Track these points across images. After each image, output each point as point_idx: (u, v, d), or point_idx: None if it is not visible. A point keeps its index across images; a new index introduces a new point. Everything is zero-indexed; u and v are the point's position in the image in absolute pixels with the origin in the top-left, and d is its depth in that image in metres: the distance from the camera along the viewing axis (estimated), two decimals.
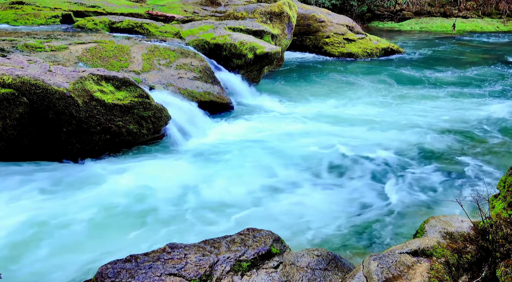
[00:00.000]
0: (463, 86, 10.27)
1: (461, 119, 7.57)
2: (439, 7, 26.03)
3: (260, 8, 10.37)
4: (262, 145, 6.17)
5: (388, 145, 6.24)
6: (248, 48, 8.42)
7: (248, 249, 3.04)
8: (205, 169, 5.37)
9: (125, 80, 5.52)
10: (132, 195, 4.59)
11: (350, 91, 9.57)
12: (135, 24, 9.02)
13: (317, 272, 2.96)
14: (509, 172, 3.00)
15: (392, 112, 7.99)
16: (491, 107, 8.44)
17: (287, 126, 7.03)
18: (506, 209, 2.73)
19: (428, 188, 5.02)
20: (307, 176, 5.25)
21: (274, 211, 4.46)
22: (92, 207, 4.28)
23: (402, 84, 10.30)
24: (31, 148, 5.09)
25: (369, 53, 13.91)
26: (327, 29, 14.24)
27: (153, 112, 5.67)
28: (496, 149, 6.25)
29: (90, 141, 5.31)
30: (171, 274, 2.76)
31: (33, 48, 6.25)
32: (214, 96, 7.33)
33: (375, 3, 25.14)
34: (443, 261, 2.79)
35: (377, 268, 2.71)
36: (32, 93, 4.75)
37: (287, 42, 10.83)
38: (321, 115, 7.64)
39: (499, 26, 23.81)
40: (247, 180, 5.09)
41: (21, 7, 9.99)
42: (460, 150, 6.20)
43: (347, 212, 4.48)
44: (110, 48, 6.94)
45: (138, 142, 5.80)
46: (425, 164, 5.69)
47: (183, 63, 7.46)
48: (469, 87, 10.19)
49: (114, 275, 2.73)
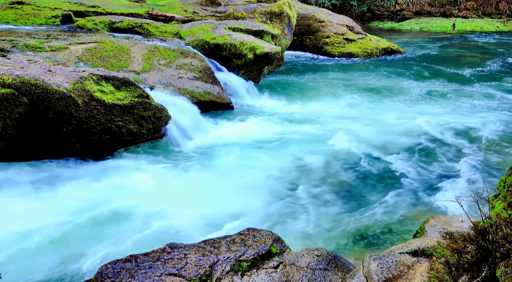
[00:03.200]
0: (463, 86, 10.27)
1: (461, 119, 7.56)
2: (439, 7, 26.03)
3: (260, 8, 10.37)
4: (262, 145, 6.17)
5: (388, 145, 6.25)
6: (248, 48, 8.42)
7: (248, 249, 3.04)
8: (205, 168, 5.37)
9: (125, 80, 5.52)
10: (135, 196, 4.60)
11: (350, 91, 9.57)
12: (135, 24, 9.02)
13: (317, 272, 2.96)
14: (509, 172, 3.00)
15: (392, 112, 7.99)
16: (492, 107, 8.44)
17: (287, 126, 7.03)
18: (506, 209, 2.73)
19: (428, 188, 5.02)
20: (308, 177, 5.25)
21: (271, 210, 4.46)
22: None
23: (402, 84, 10.29)
24: (31, 148, 5.09)
25: (369, 53, 13.91)
26: (327, 29, 14.24)
27: (153, 112, 5.67)
28: (496, 149, 6.25)
29: (90, 141, 5.31)
30: (171, 274, 2.76)
31: (33, 48, 6.25)
32: (214, 96, 7.33)
33: (375, 3, 25.14)
34: (443, 261, 2.79)
35: (377, 268, 2.70)
36: (32, 93, 4.75)
37: (287, 42, 10.83)
38: (321, 115, 7.64)
39: (499, 26, 23.80)
40: (247, 180, 5.09)
41: (21, 7, 9.99)
42: (460, 150, 6.20)
43: (347, 212, 4.48)
44: (110, 48, 6.94)
45: (138, 142, 5.80)
46: (425, 164, 5.69)
47: (183, 63, 7.46)
48: (469, 87, 10.19)
49: (114, 275, 2.73)
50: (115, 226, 4.06)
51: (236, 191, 4.82)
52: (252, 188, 4.90)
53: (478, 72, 12.00)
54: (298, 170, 5.42)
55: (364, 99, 8.91)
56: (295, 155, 5.83)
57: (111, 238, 3.86)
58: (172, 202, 4.52)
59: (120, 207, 4.38)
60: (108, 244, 3.76)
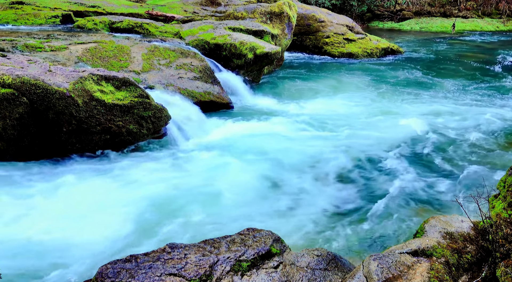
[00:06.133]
0: (462, 85, 10.27)
1: (461, 119, 7.57)
2: (439, 7, 26.03)
3: (260, 8, 10.37)
4: (262, 145, 6.16)
5: (387, 145, 6.24)
6: (248, 48, 8.42)
7: (248, 249, 3.04)
8: (205, 168, 5.36)
9: (125, 80, 5.52)
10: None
11: (349, 91, 9.57)
12: (135, 24, 9.02)
13: (317, 272, 2.96)
14: (509, 172, 3.00)
15: (392, 112, 7.99)
16: (492, 107, 8.44)
17: (287, 126, 7.02)
18: (506, 209, 2.73)
19: (428, 188, 5.02)
20: (307, 176, 5.25)
21: (271, 210, 4.46)
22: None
23: (403, 84, 10.29)
24: (31, 148, 5.09)
25: (369, 53, 13.91)
26: (327, 29, 14.23)
27: (153, 112, 5.67)
28: (496, 149, 6.25)
29: (90, 141, 5.31)
30: (171, 274, 2.76)
31: (33, 48, 6.25)
32: (214, 96, 7.33)
33: (375, 3, 25.14)
34: (443, 261, 2.79)
35: (377, 268, 2.71)
36: (32, 93, 4.75)
37: (287, 42, 10.83)
38: (321, 115, 7.63)
39: (499, 26, 23.80)
40: (247, 180, 5.09)
41: (21, 7, 10.00)
42: (460, 149, 6.19)
43: (347, 212, 4.48)
44: (110, 48, 6.94)
45: (138, 142, 5.80)
46: (425, 164, 5.69)
47: (183, 63, 7.46)
48: (469, 87, 10.19)
49: (114, 275, 2.73)
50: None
51: (236, 191, 4.82)
52: (251, 188, 4.90)
53: (478, 71, 12.00)
54: (298, 170, 5.41)
55: (363, 98, 8.91)
56: (295, 155, 5.83)
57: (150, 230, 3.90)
58: (171, 202, 4.52)
59: (125, 205, 4.38)
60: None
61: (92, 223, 4.03)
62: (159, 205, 4.42)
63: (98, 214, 4.20)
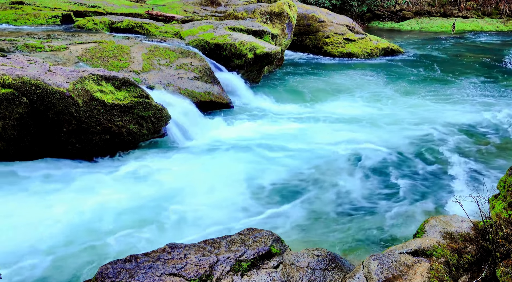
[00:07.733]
0: (462, 86, 10.26)
1: (460, 119, 7.56)
2: (439, 7, 26.03)
3: (260, 8, 10.37)
4: (262, 144, 6.17)
5: (387, 145, 6.24)
6: (248, 48, 8.42)
7: (248, 249, 3.04)
8: (205, 168, 5.36)
9: (125, 80, 5.52)
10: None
11: (349, 91, 9.57)
12: (135, 24, 9.01)
13: (317, 272, 2.96)
14: (509, 172, 3.00)
15: (392, 112, 7.99)
16: (492, 107, 8.44)
17: (286, 126, 7.02)
18: (506, 209, 2.73)
19: (428, 188, 5.02)
20: (307, 176, 5.25)
21: (270, 209, 4.46)
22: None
23: (403, 84, 10.29)
24: (32, 148, 5.09)
25: (369, 53, 13.91)
26: (327, 29, 14.23)
27: (153, 112, 5.67)
28: (496, 149, 6.25)
29: (90, 141, 5.31)
30: (171, 274, 2.76)
31: (33, 48, 6.25)
32: (214, 96, 7.33)
33: (375, 3, 25.14)
34: (443, 261, 2.79)
35: (377, 268, 2.70)
36: (32, 93, 4.75)
37: (287, 42, 10.83)
38: (321, 115, 7.63)
39: (499, 26, 23.80)
40: (246, 180, 5.09)
41: (21, 7, 9.99)
42: (460, 150, 6.19)
43: (347, 212, 4.48)
44: (110, 48, 6.94)
45: (139, 142, 5.80)
46: (425, 164, 5.69)
47: (183, 63, 7.46)
48: (469, 86, 10.19)
49: (114, 275, 2.73)
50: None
51: (236, 190, 4.82)
52: (252, 187, 4.90)
53: (478, 71, 11.99)
54: (298, 169, 5.41)
55: (363, 99, 8.91)
56: (295, 154, 5.83)
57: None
58: (171, 202, 4.52)
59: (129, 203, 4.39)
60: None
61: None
62: (157, 204, 4.42)
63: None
